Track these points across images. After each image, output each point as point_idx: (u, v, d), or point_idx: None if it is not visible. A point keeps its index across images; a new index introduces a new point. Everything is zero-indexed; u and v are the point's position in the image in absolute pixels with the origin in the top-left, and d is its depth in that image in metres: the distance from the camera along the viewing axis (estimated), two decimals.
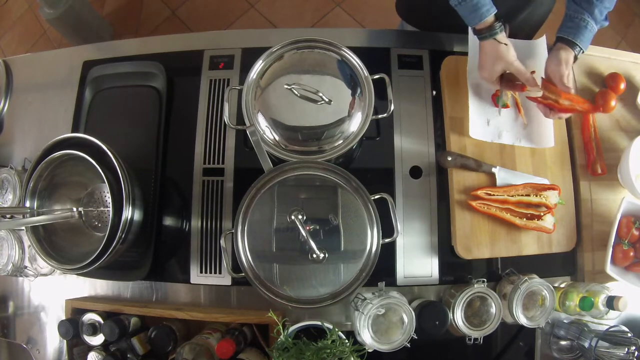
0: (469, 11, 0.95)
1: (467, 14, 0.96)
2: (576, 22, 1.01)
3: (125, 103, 1.20)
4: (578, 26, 1.01)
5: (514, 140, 1.11)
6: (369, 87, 0.98)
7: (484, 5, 0.94)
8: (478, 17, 0.95)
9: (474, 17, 0.95)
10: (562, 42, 1.02)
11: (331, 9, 2.49)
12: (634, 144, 1.07)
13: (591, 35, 1.02)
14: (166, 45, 1.23)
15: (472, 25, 0.98)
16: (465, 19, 0.98)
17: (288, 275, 0.90)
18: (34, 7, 2.58)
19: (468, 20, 0.97)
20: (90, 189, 1.08)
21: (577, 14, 1.01)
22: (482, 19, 0.95)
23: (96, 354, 1.02)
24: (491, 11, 0.94)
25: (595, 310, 0.97)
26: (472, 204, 1.04)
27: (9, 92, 1.29)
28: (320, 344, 0.87)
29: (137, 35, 2.51)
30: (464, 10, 0.96)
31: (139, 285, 1.11)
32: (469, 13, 0.95)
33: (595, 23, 1.01)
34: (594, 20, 1.00)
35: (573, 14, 1.01)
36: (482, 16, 0.94)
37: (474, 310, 0.99)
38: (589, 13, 1.00)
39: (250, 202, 0.91)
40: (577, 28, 1.01)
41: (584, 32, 1.00)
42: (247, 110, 0.97)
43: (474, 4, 0.93)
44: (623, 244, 1.06)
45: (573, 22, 1.01)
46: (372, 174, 1.11)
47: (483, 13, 0.94)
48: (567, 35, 1.01)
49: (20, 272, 1.11)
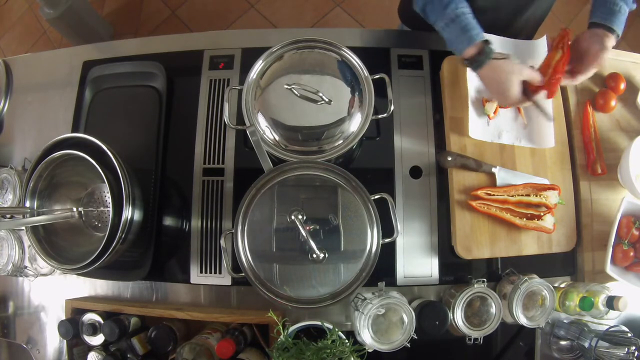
0: (456, 34, 0.91)
1: (455, 38, 0.92)
2: (609, 7, 0.97)
3: (125, 103, 1.20)
4: (612, 11, 0.97)
5: (514, 140, 1.11)
6: (369, 87, 0.98)
7: (473, 28, 0.90)
8: (467, 40, 0.90)
9: (463, 41, 0.91)
10: (599, 28, 0.98)
11: (331, 9, 2.49)
12: (634, 144, 1.07)
13: (624, 19, 0.98)
14: (166, 45, 1.23)
15: (462, 50, 0.93)
16: (453, 45, 0.93)
17: (288, 275, 0.90)
18: (34, 7, 2.59)
19: (457, 45, 0.93)
20: (90, 189, 1.08)
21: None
22: (472, 42, 0.90)
23: (96, 354, 1.02)
24: (480, 35, 0.90)
25: (595, 310, 0.97)
26: (472, 204, 1.04)
27: (9, 92, 1.30)
28: (320, 344, 0.87)
29: (137, 35, 2.51)
30: (452, 34, 0.92)
31: (139, 285, 1.11)
32: (457, 37, 0.91)
33: (626, 6, 0.97)
34: (625, 2, 0.97)
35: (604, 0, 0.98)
36: (471, 40, 0.90)
37: (474, 310, 0.99)
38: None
39: (250, 202, 0.91)
40: (612, 13, 0.97)
41: (619, 16, 0.97)
42: (247, 110, 0.98)
43: (462, 26, 0.89)
44: (623, 244, 1.06)
45: (606, 7, 0.97)
46: (372, 174, 1.11)
47: (472, 36, 0.90)
48: (604, 21, 0.97)
49: (20, 272, 1.11)
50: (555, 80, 1.00)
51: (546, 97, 1.03)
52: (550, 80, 0.99)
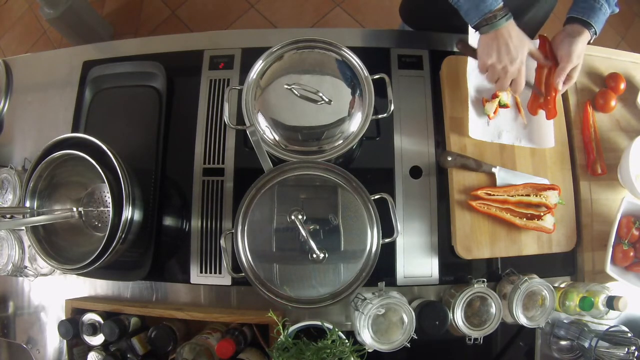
0: (475, 4, 0.89)
1: (473, 7, 0.90)
2: (590, 3, 0.97)
3: (125, 103, 1.20)
4: (592, 7, 0.96)
5: (513, 140, 1.11)
6: (369, 87, 0.98)
7: None
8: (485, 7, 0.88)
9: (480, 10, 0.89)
10: (575, 23, 0.98)
11: (331, 9, 2.49)
12: (634, 144, 1.07)
13: (604, 18, 0.98)
14: (166, 45, 1.23)
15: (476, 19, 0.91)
16: (469, 15, 0.92)
17: (288, 275, 0.90)
18: (34, 7, 2.58)
19: (472, 14, 0.91)
20: (90, 189, 1.08)
21: None
22: (491, 9, 0.88)
23: (96, 354, 1.02)
24: (499, 1, 0.88)
25: (595, 310, 0.97)
26: (472, 204, 1.04)
27: (9, 92, 1.29)
28: (320, 344, 0.87)
29: (137, 35, 2.51)
30: (469, 4, 0.90)
31: (139, 285, 1.11)
32: (475, 6, 0.89)
33: (608, 7, 0.97)
34: (607, 2, 0.97)
35: None
36: (491, 6, 0.88)
37: (474, 310, 0.99)
38: None
39: (250, 202, 0.91)
40: (592, 9, 0.96)
41: (598, 13, 0.96)
42: (247, 110, 0.98)
43: None
44: (623, 244, 1.06)
45: (587, 3, 0.97)
46: (372, 174, 1.11)
47: (491, 3, 0.88)
48: (582, 15, 0.97)
49: (20, 272, 1.11)
50: (552, 98, 1.01)
51: (547, 118, 1.05)
52: (547, 99, 1.00)
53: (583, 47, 0.98)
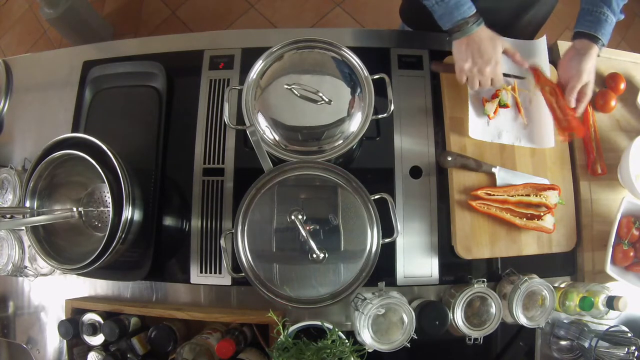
0: (449, 10, 0.92)
1: (447, 13, 0.93)
2: (596, 16, 0.97)
3: (125, 103, 1.20)
4: (598, 20, 0.97)
5: (513, 140, 1.11)
6: (369, 87, 0.98)
7: (465, 3, 0.91)
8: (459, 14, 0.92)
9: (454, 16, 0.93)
10: (583, 38, 0.99)
11: (331, 9, 2.50)
12: (634, 144, 1.07)
13: (611, 29, 0.99)
14: (166, 45, 1.23)
15: (449, 25, 0.95)
16: (442, 19, 0.96)
17: (288, 275, 0.89)
18: (34, 7, 2.59)
19: (445, 19, 0.95)
20: (90, 189, 1.08)
21: (595, 8, 0.97)
22: (464, 16, 0.92)
23: (96, 354, 1.02)
24: (472, 9, 0.92)
25: (595, 310, 0.97)
26: (472, 204, 1.04)
27: (9, 92, 1.29)
28: (320, 344, 0.87)
29: (137, 35, 2.51)
30: (443, 10, 0.93)
31: (139, 285, 1.11)
32: (449, 12, 0.93)
33: (613, 16, 0.98)
34: (612, 12, 0.97)
35: (591, 8, 0.98)
36: (464, 13, 0.92)
37: (474, 310, 0.99)
38: (607, 5, 0.97)
39: (250, 202, 0.91)
40: (598, 22, 0.97)
41: (605, 25, 0.97)
42: (247, 110, 0.98)
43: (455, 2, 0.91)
44: (623, 244, 1.06)
45: (592, 15, 0.98)
46: (372, 174, 1.11)
47: (465, 11, 0.91)
48: (589, 29, 0.98)
49: (20, 272, 1.11)
50: (572, 118, 1.01)
51: (579, 136, 1.07)
52: (568, 119, 1.01)
53: (593, 63, 0.99)
